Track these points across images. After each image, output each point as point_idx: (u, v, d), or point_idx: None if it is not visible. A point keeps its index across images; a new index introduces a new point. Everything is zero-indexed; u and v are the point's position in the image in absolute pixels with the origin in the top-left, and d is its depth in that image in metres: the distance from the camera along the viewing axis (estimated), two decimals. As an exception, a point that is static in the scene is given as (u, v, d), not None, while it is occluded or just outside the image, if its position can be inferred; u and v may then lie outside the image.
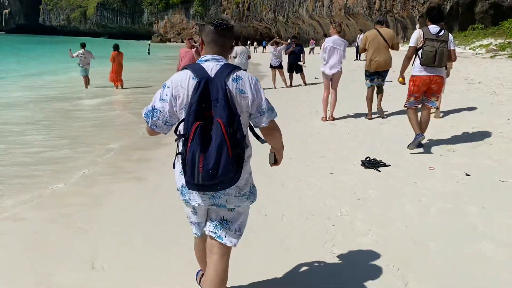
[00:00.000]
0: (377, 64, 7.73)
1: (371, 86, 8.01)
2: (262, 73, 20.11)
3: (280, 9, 56.11)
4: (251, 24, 70.00)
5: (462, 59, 18.09)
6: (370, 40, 7.77)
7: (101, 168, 5.93)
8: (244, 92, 2.19)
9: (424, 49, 5.36)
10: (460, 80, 11.32)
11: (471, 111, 7.69)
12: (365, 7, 38.50)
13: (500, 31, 28.04)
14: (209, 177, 2.02)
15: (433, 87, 5.62)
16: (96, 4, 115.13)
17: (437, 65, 5.37)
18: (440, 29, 5.47)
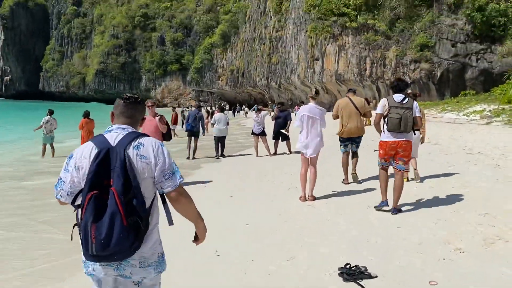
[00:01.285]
0: (349, 130, 7.95)
1: (345, 152, 8.23)
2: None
3: (273, 76, 56.95)
4: (245, 90, 70.96)
5: (457, 125, 17.32)
6: (343, 108, 8.04)
7: None
8: (146, 158, 2.24)
9: (390, 116, 5.70)
10: (457, 149, 10.29)
11: (475, 190, 6.49)
12: (356, 74, 38.75)
13: (492, 97, 27.77)
14: (102, 247, 2.01)
15: (400, 152, 5.83)
16: (95, 70, 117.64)
17: (402, 130, 5.64)
18: (404, 97, 5.85)
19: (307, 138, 6.71)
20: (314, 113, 6.70)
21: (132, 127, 2.38)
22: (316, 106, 6.81)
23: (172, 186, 2.26)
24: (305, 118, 6.70)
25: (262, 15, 62.16)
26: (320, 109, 6.81)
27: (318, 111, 6.75)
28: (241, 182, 8.95)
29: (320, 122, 6.74)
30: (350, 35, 38.95)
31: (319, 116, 6.73)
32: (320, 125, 6.76)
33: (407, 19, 35.18)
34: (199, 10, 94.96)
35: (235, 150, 15.74)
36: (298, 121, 6.86)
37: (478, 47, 31.12)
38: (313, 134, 6.67)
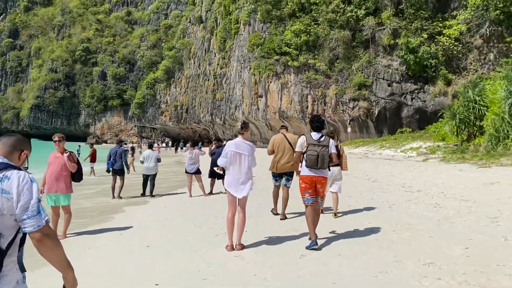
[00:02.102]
0: (282, 166, 8.05)
1: (277, 185, 8.37)
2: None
3: (217, 112, 56.59)
4: (189, 126, 69.87)
5: (396, 162, 17.35)
6: (277, 143, 8.18)
7: None
8: (8, 193, 2.10)
9: (308, 153, 5.90)
10: (397, 187, 9.90)
11: (417, 234, 5.91)
12: (298, 111, 39.18)
13: (427, 134, 28.80)
14: None
15: (318, 187, 6.02)
16: (31, 105, 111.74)
17: (320, 167, 5.86)
18: (321, 135, 6.08)
19: (234, 177, 5.91)
20: (242, 149, 5.91)
21: (8, 158, 2.28)
22: (243, 141, 6.00)
23: (36, 226, 2.10)
24: (232, 155, 5.90)
25: (207, 52, 62.36)
26: (249, 145, 6.00)
27: (246, 146, 5.94)
28: (164, 228, 7.85)
29: (248, 158, 5.94)
30: (292, 74, 39.60)
31: (248, 152, 5.93)
32: (249, 162, 5.94)
33: (345, 59, 36.34)
34: (143, 46, 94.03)
35: (168, 189, 14.60)
36: (223, 158, 6.00)
37: (413, 87, 32.52)
38: (241, 172, 5.88)
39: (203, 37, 64.34)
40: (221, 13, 55.54)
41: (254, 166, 6.06)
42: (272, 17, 42.10)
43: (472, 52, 31.01)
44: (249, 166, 5.93)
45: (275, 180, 8.38)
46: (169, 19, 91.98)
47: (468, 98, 19.27)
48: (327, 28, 36.92)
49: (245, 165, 5.87)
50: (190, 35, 73.64)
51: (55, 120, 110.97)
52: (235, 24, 49.92)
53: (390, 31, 33.64)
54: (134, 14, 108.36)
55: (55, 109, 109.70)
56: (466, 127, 19.07)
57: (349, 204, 8.32)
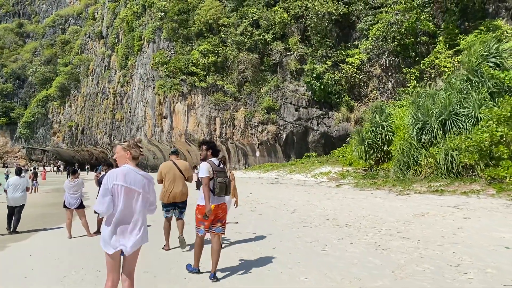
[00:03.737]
0: (174, 195, 7.56)
1: (168, 217, 7.75)
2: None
3: (117, 133, 52.51)
4: (85, 148, 64.15)
5: (309, 188, 16.46)
6: (166, 172, 7.67)
7: None
8: None
9: (217, 181, 5.59)
10: (321, 219, 8.67)
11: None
12: (206, 134, 37.56)
13: (332, 159, 29.04)
14: None
15: (219, 214, 5.72)
16: None
17: (226, 194, 5.66)
18: (219, 161, 5.90)
19: (120, 226, 3.77)
20: (134, 183, 3.86)
21: None
22: (137, 170, 3.95)
23: None
24: (120, 191, 3.78)
25: (106, 69, 58.27)
26: (145, 176, 3.97)
27: (140, 179, 3.91)
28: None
29: (145, 198, 3.93)
30: (200, 95, 38.05)
31: (143, 187, 3.90)
32: (145, 202, 3.94)
33: (254, 82, 35.86)
34: (35, 61, 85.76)
35: (46, 222, 11.87)
36: (103, 197, 3.76)
37: (318, 112, 32.89)
38: (133, 217, 3.85)
39: (103, 54, 60.13)
40: (124, 29, 52.41)
41: (153, 207, 4.06)
42: (179, 35, 40.44)
43: (372, 81, 32.35)
44: (142, 214, 3.91)
45: (166, 211, 7.68)
46: (66, 34, 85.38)
47: (376, 123, 19.35)
48: (236, 50, 36.27)
49: (139, 206, 3.87)
50: (89, 50, 68.60)
51: None
52: (138, 40, 47.20)
53: (297, 57, 33.96)
54: (26, 26, 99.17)
55: None
56: (374, 152, 19.06)
57: (272, 247, 6.78)
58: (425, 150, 15.54)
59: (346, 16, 33.34)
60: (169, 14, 40.71)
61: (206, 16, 37.96)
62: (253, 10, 36.50)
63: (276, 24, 35.15)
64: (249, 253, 6.46)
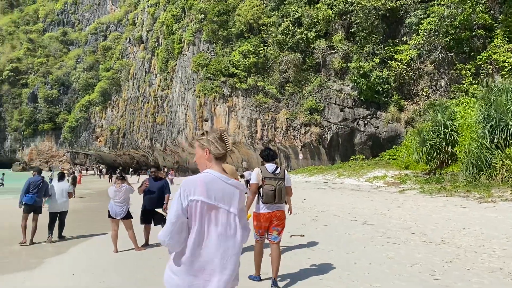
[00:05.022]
0: None
1: None
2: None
3: (158, 137, 52.59)
4: (126, 152, 64.93)
5: (367, 194, 15.07)
6: None
7: None
8: None
9: (264, 188, 5.49)
10: (404, 233, 7.37)
11: None
12: (247, 136, 36.67)
13: (382, 161, 27.39)
14: None
15: (274, 221, 5.55)
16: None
17: (277, 201, 5.49)
18: (276, 167, 5.75)
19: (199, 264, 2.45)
20: (222, 197, 2.51)
21: None
22: (224, 177, 2.57)
23: None
24: (199, 211, 2.45)
25: (147, 73, 58.71)
26: (236, 187, 2.60)
27: (230, 191, 2.56)
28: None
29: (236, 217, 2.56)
30: (241, 96, 37.23)
31: (233, 203, 2.54)
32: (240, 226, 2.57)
33: (296, 82, 34.67)
34: (79, 68, 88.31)
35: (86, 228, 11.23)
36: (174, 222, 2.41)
37: (365, 112, 31.27)
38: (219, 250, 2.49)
39: (143, 58, 60.68)
40: (163, 33, 52.56)
41: (246, 232, 2.64)
42: (219, 37, 39.85)
43: (423, 78, 30.42)
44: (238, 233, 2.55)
45: None
46: (107, 41, 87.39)
47: (438, 122, 17.70)
48: (277, 50, 35.20)
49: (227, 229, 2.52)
50: (130, 55, 69.58)
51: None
52: (178, 44, 47.07)
53: (341, 55, 32.47)
54: (70, 34, 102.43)
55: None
56: (437, 154, 17.40)
57: (364, 272, 5.51)
58: (500, 151, 13.84)
59: (393, 10, 31.56)
60: (209, 16, 40.21)
61: (247, 16, 37.14)
62: (294, 8, 35.34)
63: (319, 22, 33.81)
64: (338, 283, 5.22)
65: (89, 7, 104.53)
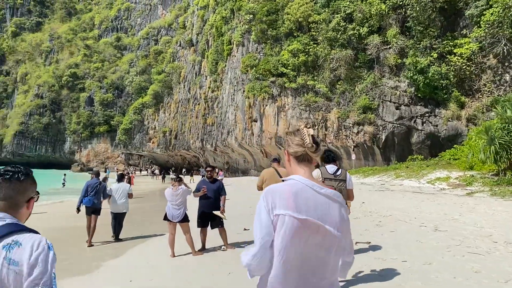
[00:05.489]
0: None
1: None
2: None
3: (208, 138, 53.19)
4: (178, 152, 66.30)
5: (432, 196, 14.06)
6: (268, 179, 7.46)
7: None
8: (17, 264, 1.65)
9: None
10: (483, 241, 6.57)
11: None
12: (297, 136, 36.05)
13: (443, 162, 25.85)
14: None
15: None
16: (15, 132, 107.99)
17: None
18: (337, 168, 5.61)
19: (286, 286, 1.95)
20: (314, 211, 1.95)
21: (9, 213, 1.80)
22: (316, 185, 2.02)
23: None
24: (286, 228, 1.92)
25: (197, 75, 59.60)
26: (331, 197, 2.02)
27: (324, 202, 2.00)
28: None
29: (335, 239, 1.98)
30: (290, 96, 36.70)
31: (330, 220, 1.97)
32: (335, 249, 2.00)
33: (348, 80, 33.63)
34: (132, 71, 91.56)
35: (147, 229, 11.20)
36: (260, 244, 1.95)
37: (423, 110, 29.75)
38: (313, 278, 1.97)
39: (193, 60, 61.69)
40: (213, 35, 53.10)
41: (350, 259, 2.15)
42: (267, 37, 39.56)
43: (486, 73, 28.50)
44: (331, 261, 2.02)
45: None
46: (159, 45, 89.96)
47: (507, 119, 16.31)
48: (328, 47, 34.33)
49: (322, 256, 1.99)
50: (180, 58, 71.07)
51: (40, 147, 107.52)
52: (227, 45, 47.33)
53: (396, 50, 31.08)
54: (123, 40, 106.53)
55: (40, 136, 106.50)
56: (507, 154, 16.01)
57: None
58: None
59: (452, 2, 29.81)
60: (257, 16, 40.03)
61: (296, 14, 36.57)
62: (346, 4, 34.31)
63: (372, 17, 32.60)
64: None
65: (141, 12, 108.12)
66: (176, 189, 8.28)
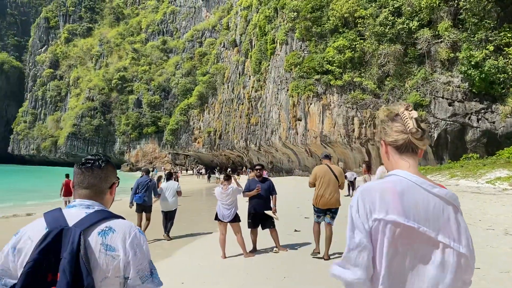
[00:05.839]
0: (327, 201, 7.39)
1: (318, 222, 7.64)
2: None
3: (252, 137, 53.20)
4: (223, 152, 66.91)
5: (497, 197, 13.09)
6: (321, 175, 7.45)
7: None
8: (113, 250, 1.69)
9: None
10: None
11: None
12: (343, 135, 35.20)
13: (501, 160, 24.30)
14: None
15: None
16: (68, 133, 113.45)
17: None
18: None
19: None
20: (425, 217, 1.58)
21: (97, 201, 1.85)
22: (427, 183, 1.64)
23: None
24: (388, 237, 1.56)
25: (241, 75, 59.83)
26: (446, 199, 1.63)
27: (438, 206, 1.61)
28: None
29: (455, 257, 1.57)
30: (336, 94, 35.91)
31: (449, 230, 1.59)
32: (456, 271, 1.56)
33: (397, 76, 32.44)
34: (177, 74, 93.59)
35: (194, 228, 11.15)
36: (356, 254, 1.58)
37: (478, 106, 28.15)
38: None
39: (237, 61, 62.01)
40: (256, 34, 53.07)
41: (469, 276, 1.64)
42: (312, 34, 38.94)
43: (548, 65, 26.54)
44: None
45: (317, 216, 7.62)
46: (203, 47, 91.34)
47: None
48: (375, 42, 33.28)
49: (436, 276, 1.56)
50: (224, 59, 71.73)
51: (91, 147, 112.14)
52: (271, 44, 47.10)
53: (448, 44, 29.59)
54: (169, 43, 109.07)
55: (91, 137, 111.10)
56: None
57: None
58: None
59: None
60: (301, 13, 39.51)
61: (342, 10, 35.74)
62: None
63: (422, 10, 31.24)
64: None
65: (186, 15, 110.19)
66: (226, 189, 8.08)
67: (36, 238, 1.66)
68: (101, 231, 1.70)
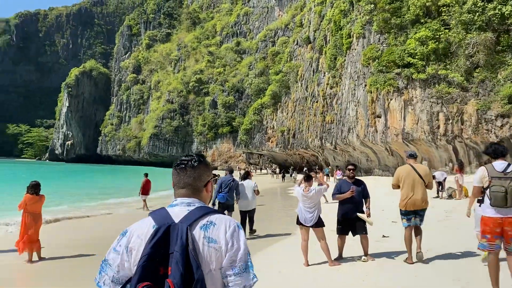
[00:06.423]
0: (413, 202, 7.03)
1: (409, 226, 7.19)
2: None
3: (327, 136, 51.83)
4: (296, 151, 66.24)
5: None
6: (404, 176, 7.15)
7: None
8: (215, 242, 1.80)
9: (492, 190, 4.84)
10: None
11: None
12: (427, 132, 32.83)
13: None
14: None
15: (508, 230, 4.79)
16: (150, 134, 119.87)
17: (510, 205, 4.73)
18: (508, 164, 5.01)
19: None
20: None
21: (196, 198, 2.00)
22: None
23: (241, 286, 1.75)
24: None
25: (315, 72, 58.70)
26: None
27: None
28: None
29: None
30: (418, 88, 33.64)
31: None
32: None
33: (488, 67, 29.57)
34: (251, 74, 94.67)
35: (272, 229, 10.80)
36: None
37: None
38: None
39: (311, 58, 60.93)
40: (331, 30, 51.65)
41: None
42: (391, 26, 36.90)
43: None
44: None
45: (406, 219, 7.16)
46: (276, 46, 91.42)
47: None
48: (462, 31, 30.63)
49: None
50: (297, 57, 70.96)
51: (171, 148, 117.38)
52: (346, 39, 45.51)
53: (550, 28, 26.35)
54: (243, 44, 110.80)
55: (171, 138, 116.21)
56: None
57: None
58: None
59: None
60: (379, 5, 37.63)
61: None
62: (484, -19, 30.25)
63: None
64: None
65: (259, 16, 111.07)
66: (308, 191, 7.39)
67: (144, 237, 1.77)
68: (203, 225, 1.81)
